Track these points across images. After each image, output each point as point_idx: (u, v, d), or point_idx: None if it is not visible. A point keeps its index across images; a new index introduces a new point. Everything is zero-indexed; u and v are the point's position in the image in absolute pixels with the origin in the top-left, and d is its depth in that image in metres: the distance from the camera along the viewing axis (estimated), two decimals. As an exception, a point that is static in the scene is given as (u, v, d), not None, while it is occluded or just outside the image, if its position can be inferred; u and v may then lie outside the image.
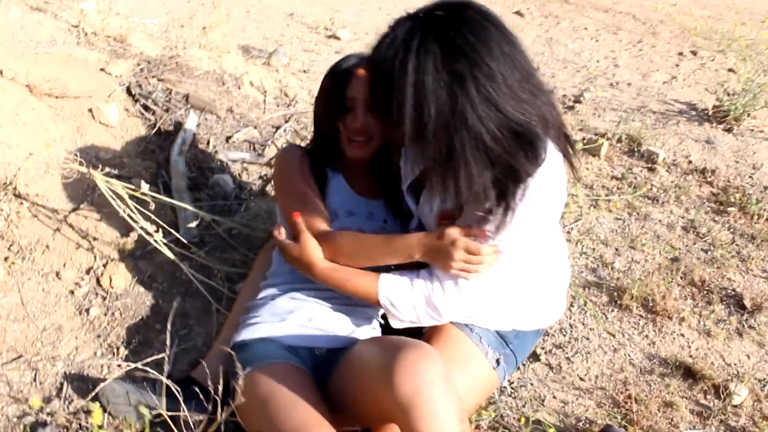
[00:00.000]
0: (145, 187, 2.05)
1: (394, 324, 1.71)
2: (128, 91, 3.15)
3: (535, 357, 2.13)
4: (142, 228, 2.13)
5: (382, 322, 1.93)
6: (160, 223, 2.21)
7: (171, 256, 2.15)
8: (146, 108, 3.09)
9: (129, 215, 2.13)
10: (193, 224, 2.22)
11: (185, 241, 2.29)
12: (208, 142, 3.04)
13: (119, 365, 2.06)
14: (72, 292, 2.29)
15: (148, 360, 1.89)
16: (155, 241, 2.13)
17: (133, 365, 1.97)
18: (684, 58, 4.65)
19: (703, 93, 4.02)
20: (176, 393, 1.64)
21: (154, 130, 2.99)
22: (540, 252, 1.79)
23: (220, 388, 1.54)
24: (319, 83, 1.99)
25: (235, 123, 3.24)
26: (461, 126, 1.39)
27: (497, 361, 1.79)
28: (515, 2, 5.95)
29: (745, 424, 1.94)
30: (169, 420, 1.67)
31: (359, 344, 1.67)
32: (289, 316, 1.78)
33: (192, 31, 4.36)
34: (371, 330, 1.86)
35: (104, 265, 2.36)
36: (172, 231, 2.23)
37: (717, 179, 3.10)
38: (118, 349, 2.11)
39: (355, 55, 1.96)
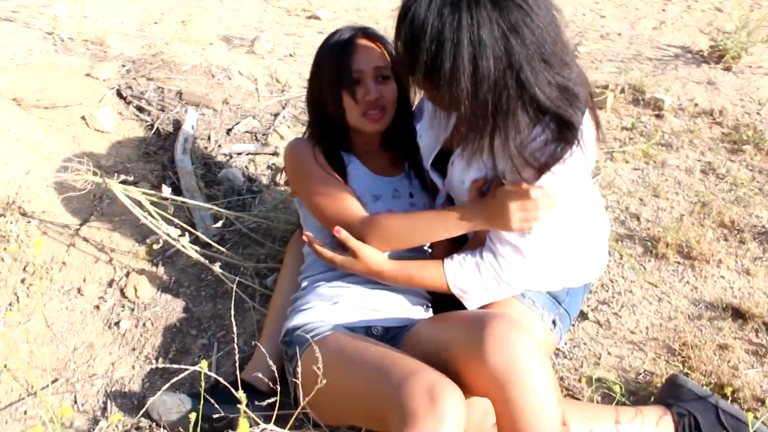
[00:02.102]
0: (167, 191, 1.97)
1: (469, 306, 1.67)
2: (119, 93, 3.04)
3: (582, 316, 2.10)
4: (165, 233, 2.05)
5: (430, 297, 1.88)
6: (184, 225, 2.13)
7: (201, 258, 2.08)
8: (140, 109, 2.99)
9: (152, 222, 2.04)
10: (219, 224, 2.14)
11: (209, 241, 2.21)
12: (208, 138, 2.95)
13: (161, 377, 1.99)
14: (97, 307, 2.20)
15: (192, 368, 1.83)
16: (182, 245, 2.04)
17: (178, 374, 1.92)
18: (669, 1, 4.60)
19: (695, 34, 3.98)
20: (234, 396, 1.58)
21: (153, 131, 2.89)
22: (582, 206, 1.75)
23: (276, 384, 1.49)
24: (312, 63, 1.89)
25: (232, 115, 3.14)
26: (516, 79, 1.34)
27: (553, 322, 1.75)
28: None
29: (802, 358, 1.93)
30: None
31: (428, 321, 1.63)
32: (340, 300, 1.72)
33: (167, 27, 4.22)
34: (423, 309, 1.80)
35: (126, 276, 2.28)
36: (196, 233, 2.15)
37: (726, 119, 3.08)
38: (156, 359, 2.04)
39: (345, 28, 1.88)
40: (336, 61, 1.78)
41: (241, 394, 1.33)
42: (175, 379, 1.92)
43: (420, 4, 1.35)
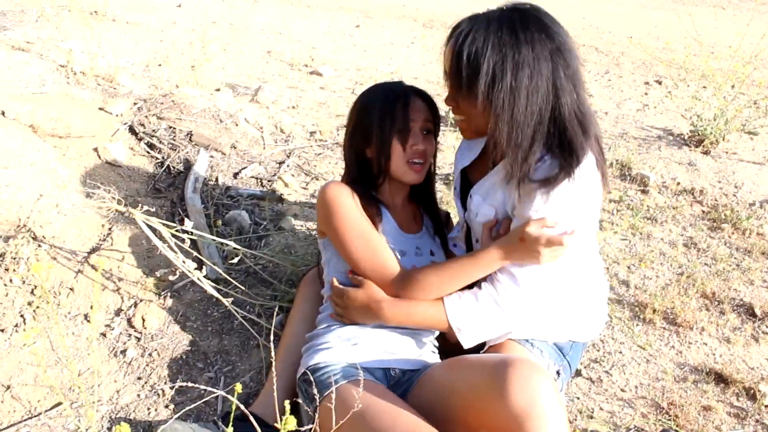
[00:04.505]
0: (189, 224, 2.04)
1: (465, 343, 1.74)
2: (131, 129, 3.12)
3: (576, 372, 2.20)
4: (183, 264, 2.11)
5: (437, 344, 1.96)
6: (201, 258, 2.19)
7: (214, 292, 2.14)
8: (151, 146, 3.07)
9: (170, 253, 2.10)
10: (235, 260, 2.21)
11: (223, 274, 2.28)
12: (216, 180, 3.03)
13: (166, 406, 2.02)
14: (104, 335, 2.24)
15: (208, 397, 1.87)
16: (198, 278, 2.10)
17: (184, 405, 1.95)
18: (650, 87, 4.91)
19: (676, 118, 4.24)
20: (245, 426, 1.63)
21: (163, 169, 2.97)
22: (588, 261, 1.88)
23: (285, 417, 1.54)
24: (355, 107, 1.95)
25: (239, 159, 3.24)
26: (555, 96, 1.59)
27: (558, 373, 1.85)
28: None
29: (779, 423, 2.06)
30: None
31: (441, 364, 1.71)
32: (359, 341, 1.79)
33: (172, 70, 4.35)
34: (431, 353, 1.89)
35: (134, 306, 2.32)
36: (211, 265, 2.22)
37: (706, 199, 3.28)
38: (162, 390, 2.07)
39: (392, 81, 1.97)
40: (391, 105, 1.85)
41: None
42: (187, 408, 1.97)
43: (478, 27, 1.59)
